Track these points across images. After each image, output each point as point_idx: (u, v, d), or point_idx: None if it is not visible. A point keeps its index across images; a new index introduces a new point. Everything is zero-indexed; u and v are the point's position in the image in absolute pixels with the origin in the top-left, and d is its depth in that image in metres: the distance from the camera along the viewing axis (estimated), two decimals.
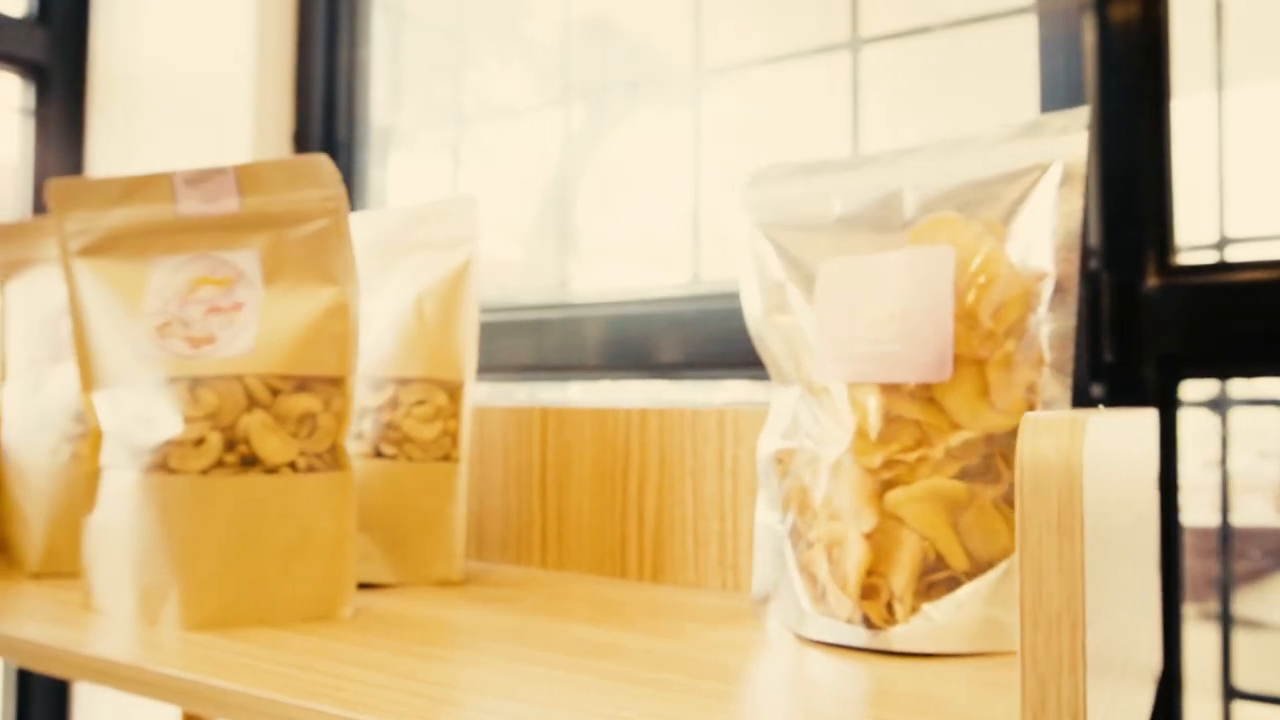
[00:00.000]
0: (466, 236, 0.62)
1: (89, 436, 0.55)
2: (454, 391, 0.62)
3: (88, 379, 0.55)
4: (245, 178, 0.53)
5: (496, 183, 1.17)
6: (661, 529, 0.63)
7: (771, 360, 0.55)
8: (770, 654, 0.47)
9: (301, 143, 1.23)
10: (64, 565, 0.64)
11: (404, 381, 0.61)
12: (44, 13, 1.33)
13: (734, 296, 0.82)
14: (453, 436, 0.62)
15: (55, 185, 0.55)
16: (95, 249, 0.55)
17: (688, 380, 0.91)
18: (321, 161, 0.52)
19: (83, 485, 0.55)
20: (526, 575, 0.65)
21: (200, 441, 0.51)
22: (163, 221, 0.54)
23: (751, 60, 0.95)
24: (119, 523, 0.52)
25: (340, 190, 0.52)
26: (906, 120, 0.93)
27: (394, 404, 0.61)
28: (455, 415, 0.62)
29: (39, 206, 1.31)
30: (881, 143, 0.91)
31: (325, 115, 1.24)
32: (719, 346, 0.85)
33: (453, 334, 0.62)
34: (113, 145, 1.32)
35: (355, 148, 1.24)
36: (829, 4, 0.92)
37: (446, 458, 0.61)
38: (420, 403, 0.61)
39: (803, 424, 0.52)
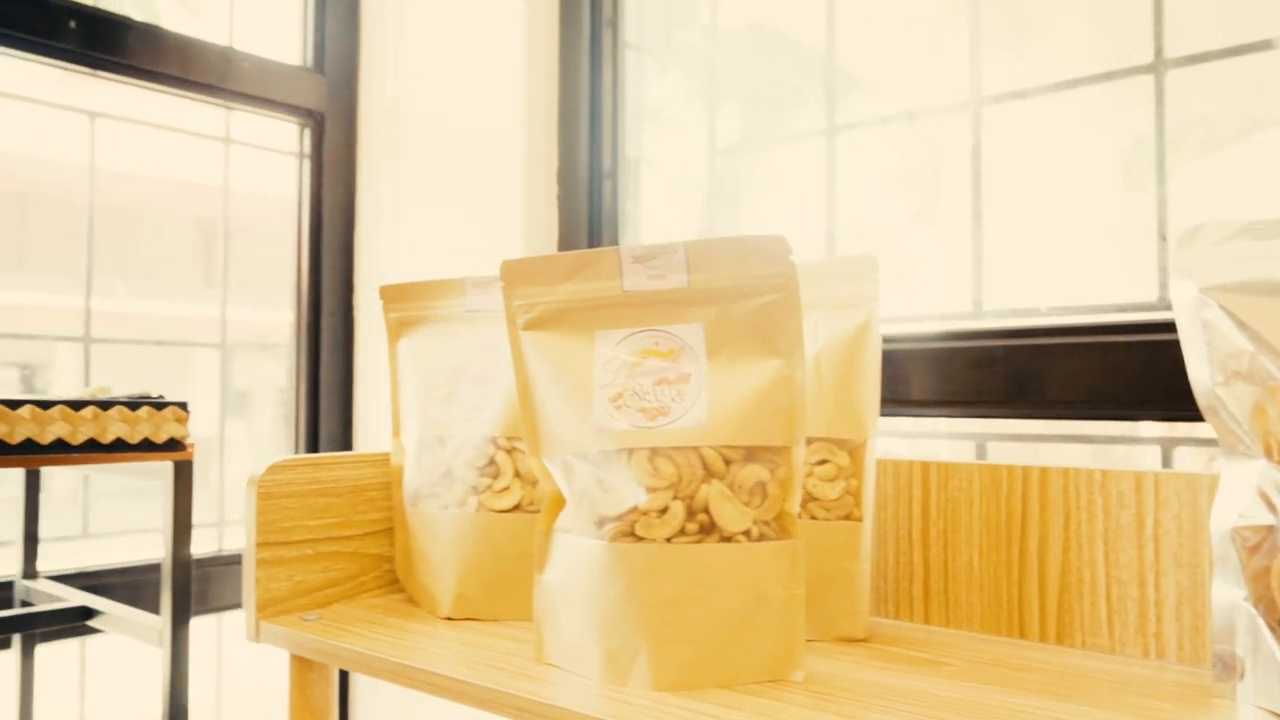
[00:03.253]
0: (867, 296, 0.63)
1: (546, 501, 0.58)
2: (855, 451, 0.62)
3: (535, 445, 0.58)
4: (695, 255, 0.55)
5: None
6: (1066, 591, 0.62)
7: (1226, 431, 0.53)
8: None
9: (567, 178, 1.28)
10: (473, 610, 0.68)
11: (805, 441, 0.62)
12: (319, 61, 1.42)
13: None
14: (855, 495, 0.62)
15: (507, 264, 0.58)
16: (540, 323, 0.58)
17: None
18: (776, 240, 0.53)
19: (535, 545, 0.58)
20: (920, 632, 0.65)
21: (664, 510, 0.53)
22: (608, 297, 0.57)
23: (1056, 85, 0.92)
24: (581, 585, 0.55)
25: (792, 266, 0.54)
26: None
27: None
28: (857, 474, 0.62)
29: (315, 244, 1.41)
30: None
31: (590, 148, 1.28)
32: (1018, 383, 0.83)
33: (853, 394, 0.62)
34: (383, 185, 1.40)
35: (618, 178, 1.27)
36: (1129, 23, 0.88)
37: (849, 516, 0.62)
38: (822, 462, 0.62)
39: (1277, 501, 0.50)
